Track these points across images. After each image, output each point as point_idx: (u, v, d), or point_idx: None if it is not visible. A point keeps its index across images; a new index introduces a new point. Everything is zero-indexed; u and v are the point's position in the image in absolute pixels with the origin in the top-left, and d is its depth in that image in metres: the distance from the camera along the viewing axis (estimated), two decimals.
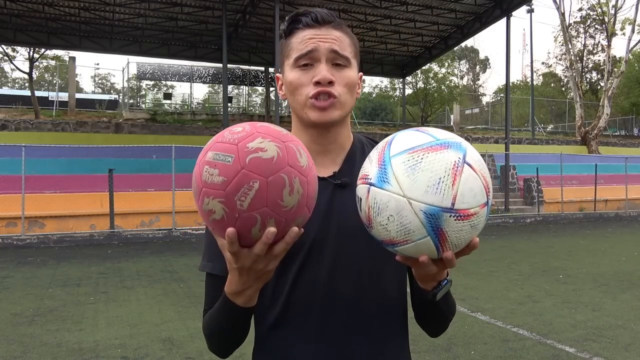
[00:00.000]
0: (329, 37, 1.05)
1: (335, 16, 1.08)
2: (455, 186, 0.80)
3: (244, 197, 0.77)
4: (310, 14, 1.06)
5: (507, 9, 17.20)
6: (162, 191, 12.84)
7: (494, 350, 4.18)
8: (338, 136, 1.12)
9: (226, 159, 0.78)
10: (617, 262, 8.33)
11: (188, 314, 5.27)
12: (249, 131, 0.81)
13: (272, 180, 0.77)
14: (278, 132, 0.83)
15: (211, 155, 0.79)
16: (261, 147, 0.78)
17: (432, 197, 0.80)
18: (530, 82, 31.40)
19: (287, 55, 1.08)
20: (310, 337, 1.04)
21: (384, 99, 32.96)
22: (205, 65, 23.81)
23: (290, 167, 0.79)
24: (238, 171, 0.77)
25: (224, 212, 0.78)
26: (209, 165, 0.79)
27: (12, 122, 16.54)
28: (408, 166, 0.82)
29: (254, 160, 0.77)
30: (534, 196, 17.04)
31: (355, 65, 1.10)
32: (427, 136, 0.85)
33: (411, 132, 0.88)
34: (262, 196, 0.77)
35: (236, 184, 0.77)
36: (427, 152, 0.82)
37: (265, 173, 0.77)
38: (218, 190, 0.77)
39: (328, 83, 1.03)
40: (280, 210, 0.79)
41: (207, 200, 0.79)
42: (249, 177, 0.77)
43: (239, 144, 0.79)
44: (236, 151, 0.78)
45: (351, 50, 1.09)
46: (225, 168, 0.77)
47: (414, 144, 0.84)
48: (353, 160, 1.12)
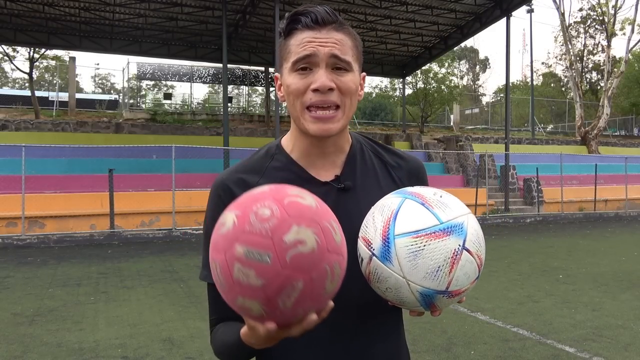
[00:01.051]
0: (330, 40, 1.00)
1: (336, 15, 1.02)
2: (452, 273, 0.87)
3: (287, 298, 0.71)
4: (310, 14, 1.00)
5: (507, 9, 17.20)
6: (162, 191, 12.84)
7: (494, 350, 4.18)
8: (338, 140, 1.09)
9: (263, 258, 0.70)
10: (617, 262, 8.33)
11: (188, 314, 5.27)
12: (280, 217, 0.72)
13: (315, 275, 0.72)
14: (309, 209, 0.75)
15: (242, 252, 0.71)
16: (300, 240, 0.71)
17: (429, 282, 0.87)
18: (530, 82, 31.39)
19: (285, 58, 1.03)
20: (320, 341, 1.04)
21: (384, 99, 32.97)
22: (205, 65, 23.82)
23: (329, 252, 0.74)
24: (279, 272, 0.70)
25: (264, 311, 0.73)
26: (242, 264, 0.70)
27: (12, 122, 16.54)
28: (410, 251, 0.86)
29: (295, 257, 0.70)
30: (534, 196, 17.04)
31: (357, 69, 1.05)
32: (432, 218, 0.88)
33: (417, 207, 0.90)
34: (306, 294, 0.72)
35: (278, 286, 0.70)
36: (430, 239, 0.86)
37: (308, 270, 0.71)
38: (256, 292, 0.71)
39: (328, 90, 0.98)
40: (322, 300, 0.76)
41: (242, 299, 0.73)
42: (292, 278, 0.70)
43: (273, 237, 0.70)
44: (273, 248, 0.70)
45: (353, 53, 1.03)
46: (264, 269, 0.70)
47: (418, 227, 0.87)
48: (354, 163, 1.11)
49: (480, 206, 15.72)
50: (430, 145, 20.62)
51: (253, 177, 1.07)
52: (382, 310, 1.08)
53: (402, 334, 1.17)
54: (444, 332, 4.64)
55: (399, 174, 1.15)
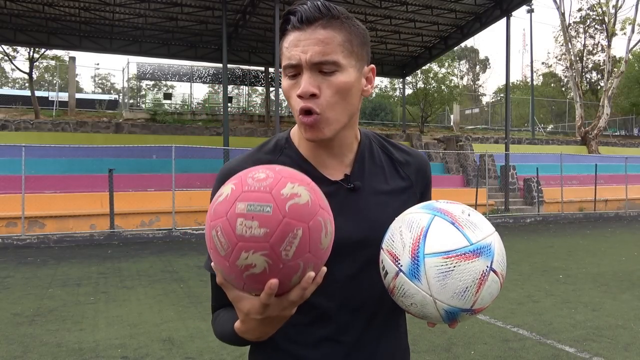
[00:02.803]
0: (313, 42, 0.95)
1: (328, 9, 0.97)
2: (478, 294, 0.90)
3: (289, 247, 0.75)
4: (298, 12, 0.96)
5: (507, 9, 17.19)
6: (162, 191, 12.84)
7: (494, 350, 4.18)
8: (343, 139, 1.07)
9: (264, 209, 0.74)
10: (617, 262, 8.33)
11: (188, 314, 5.27)
12: (275, 177, 0.78)
13: (312, 225, 0.77)
14: (298, 174, 0.82)
15: (244, 207, 0.75)
16: (295, 193, 0.77)
17: (456, 301, 0.90)
18: (530, 82, 31.40)
19: (281, 60, 1.02)
20: (331, 342, 1.04)
21: (384, 99, 32.96)
22: (205, 65, 23.82)
23: (321, 209, 0.80)
24: (280, 220, 0.74)
25: (267, 265, 0.75)
26: (245, 218, 0.74)
27: (12, 122, 16.53)
28: (440, 272, 0.89)
29: (293, 207, 0.75)
30: (534, 196, 17.04)
31: (353, 65, 0.99)
32: (462, 238, 0.90)
33: (447, 226, 0.92)
34: (305, 242, 0.76)
35: (281, 233, 0.74)
36: (460, 260, 0.89)
37: (305, 219, 0.76)
38: (260, 242, 0.74)
39: (310, 96, 0.96)
40: (319, 254, 0.79)
41: (246, 255, 0.75)
42: (292, 225, 0.75)
43: (272, 191, 0.76)
44: (273, 199, 0.75)
45: (344, 49, 0.97)
46: (266, 219, 0.74)
47: (449, 247, 0.89)
48: (363, 161, 1.10)
49: (480, 206, 15.71)
50: (430, 145, 20.62)
51: None
52: (387, 311, 1.08)
53: (404, 334, 1.18)
54: (444, 332, 4.63)
55: (407, 170, 1.15)
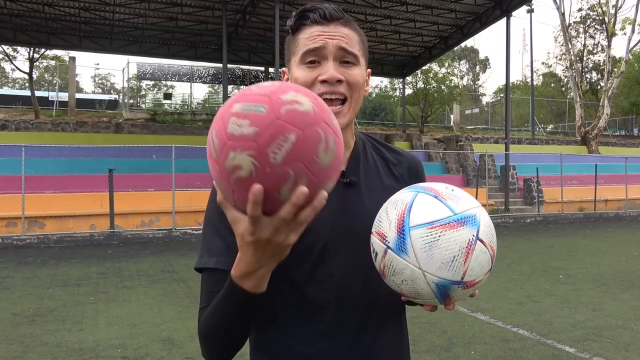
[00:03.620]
0: (338, 34, 1.03)
1: (343, 12, 1.06)
2: (467, 263, 0.88)
3: (277, 150, 0.69)
4: (318, 10, 1.03)
5: (507, 9, 17.20)
6: (162, 191, 12.84)
7: (494, 350, 4.18)
8: (345, 135, 1.09)
9: (258, 109, 0.70)
10: (617, 262, 8.33)
11: (188, 314, 5.27)
12: (280, 85, 0.74)
13: (309, 133, 0.71)
14: (308, 90, 0.78)
15: (239, 107, 0.71)
16: (296, 100, 0.72)
17: (445, 272, 0.88)
18: (530, 82, 31.40)
19: (294, 52, 1.06)
20: (325, 337, 1.04)
21: (384, 99, 32.97)
22: (205, 65, 23.83)
23: (325, 123, 0.74)
24: (272, 121, 0.69)
25: (253, 167, 0.69)
26: (237, 117, 0.70)
27: (12, 122, 16.54)
28: (426, 242, 0.88)
29: (290, 111, 0.70)
30: (534, 196, 17.04)
31: (364, 64, 1.08)
32: (446, 209, 0.90)
33: (430, 199, 0.92)
34: (298, 150, 0.70)
35: (271, 134, 0.69)
36: (444, 230, 0.88)
37: (301, 125, 0.70)
38: (249, 141, 0.69)
39: (336, 82, 1.01)
40: (314, 168, 0.72)
41: (234, 154, 0.70)
42: (285, 127, 0.69)
43: (271, 95, 0.72)
44: (269, 101, 0.71)
45: (360, 48, 1.06)
46: (258, 118, 0.69)
47: (433, 218, 0.89)
48: (358, 159, 1.13)
49: None
50: (430, 145, 20.62)
51: None
52: (385, 306, 1.08)
53: (404, 332, 1.18)
54: (444, 332, 4.63)
55: (399, 170, 1.18)
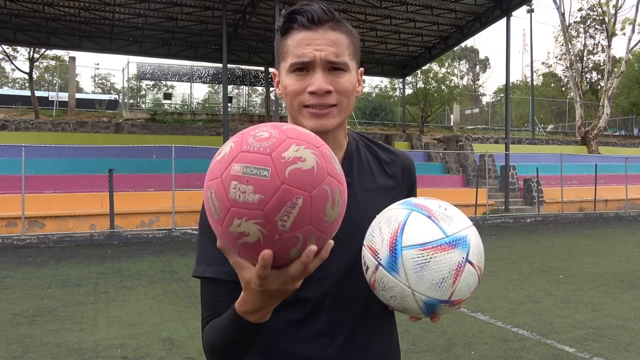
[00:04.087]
0: (326, 42, 1.00)
1: (333, 13, 1.03)
2: (455, 284, 0.91)
3: (286, 217, 0.67)
4: (306, 13, 1.00)
5: (507, 9, 17.20)
6: (162, 191, 12.84)
7: (494, 350, 4.18)
8: (336, 138, 1.11)
9: (261, 172, 0.67)
10: (617, 262, 8.32)
11: (188, 314, 5.27)
12: (278, 137, 0.70)
13: (315, 194, 0.69)
14: (307, 135, 0.74)
15: (239, 169, 0.68)
16: (299, 157, 0.69)
17: (433, 292, 0.91)
18: (530, 82, 31.40)
19: (282, 57, 1.05)
20: (322, 337, 1.05)
21: (384, 99, 32.94)
22: (205, 65, 23.81)
23: (330, 176, 0.72)
24: (278, 187, 0.67)
25: (261, 235, 0.68)
26: (239, 181, 0.67)
27: (12, 122, 16.54)
28: (417, 263, 0.90)
29: (294, 172, 0.68)
30: (534, 196, 17.04)
31: (354, 67, 1.06)
32: (438, 231, 0.92)
33: (423, 220, 0.94)
34: (306, 213, 0.68)
35: (277, 202, 0.67)
36: (436, 252, 0.90)
37: (308, 187, 0.68)
38: (254, 210, 0.67)
39: (325, 93, 1.00)
40: (322, 226, 0.71)
41: (239, 222, 0.68)
42: (292, 193, 0.67)
43: (272, 153, 0.68)
44: (272, 163, 0.68)
45: (350, 52, 1.04)
46: (262, 184, 0.67)
47: (425, 240, 0.91)
48: (351, 159, 1.13)
49: (480, 206, 15.72)
50: (430, 145, 20.62)
51: None
52: (379, 306, 1.08)
53: (395, 332, 1.20)
54: (444, 332, 4.64)
55: (392, 169, 1.18)
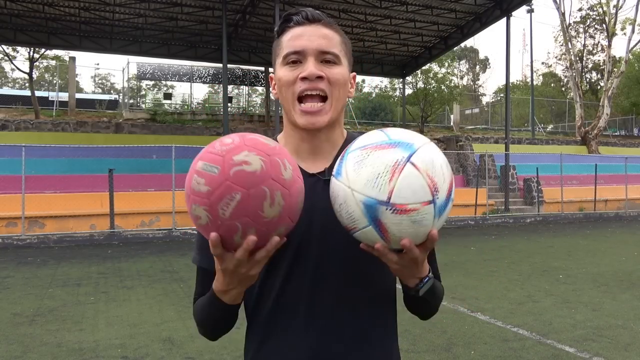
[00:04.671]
0: (318, 34, 1.06)
1: (326, 16, 1.10)
2: (392, 182, 0.86)
3: (225, 207, 0.82)
4: (300, 13, 1.08)
5: (507, 9, 17.20)
6: (162, 191, 12.84)
7: (494, 350, 4.18)
8: (330, 135, 1.12)
9: (212, 170, 0.83)
10: (617, 262, 8.33)
11: (188, 314, 5.27)
12: (237, 144, 0.86)
13: (253, 192, 0.82)
14: (266, 145, 0.87)
15: (200, 165, 0.85)
16: (246, 160, 0.83)
17: (369, 190, 0.87)
18: (530, 82, 31.39)
19: (277, 54, 1.10)
20: (300, 332, 1.05)
21: (384, 99, 32.92)
22: (205, 65, 23.80)
23: (272, 180, 0.84)
24: (222, 182, 0.82)
25: (208, 219, 0.84)
26: (197, 175, 0.84)
27: (12, 122, 16.53)
28: (356, 161, 0.90)
29: (238, 172, 0.82)
30: (534, 196, 17.04)
31: (346, 64, 1.10)
32: (383, 136, 0.92)
33: (375, 131, 0.95)
34: (243, 207, 0.82)
35: (219, 194, 0.82)
36: (374, 150, 0.89)
37: (246, 185, 0.82)
38: (203, 198, 0.83)
39: (316, 78, 1.04)
40: (260, 221, 0.84)
41: (194, 206, 0.85)
42: (231, 188, 0.82)
43: (225, 155, 0.84)
44: (222, 163, 0.83)
45: (341, 48, 1.09)
46: (211, 178, 0.83)
47: (367, 142, 0.91)
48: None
49: (480, 206, 15.72)
50: None
51: None
52: (371, 305, 1.08)
53: (394, 338, 1.16)
54: (444, 332, 4.64)
55: None
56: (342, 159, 0.93)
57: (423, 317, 1.18)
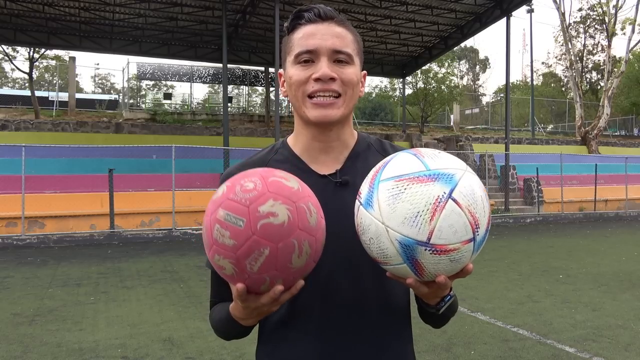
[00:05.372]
0: (331, 33, 1.04)
1: (338, 13, 1.07)
2: (433, 222, 0.79)
3: (254, 262, 0.79)
4: (313, 10, 1.05)
5: (507, 9, 17.20)
6: (162, 191, 12.84)
7: (494, 350, 4.18)
8: (341, 134, 1.10)
9: (237, 222, 0.79)
10: (617, 262, 8.32)
11: (188, 314, 5.27)
12: (261, 190, 0.81)
13: (282, 246, 0.79)
14: (289, 189, 0.83)
15: (222, 215, 0.80)
16: (272, 212, 0.79)
17: (407, 229, 0.80)
18: (530, 82, 31.39)
19: (288, 52, 1.07)
20: (311, 338, 1.03)
21: (384, 99, 32.92)
22: (205, 65, 23.81)
23: (300, 230, 0.81)
24: (249, 237, 0.78)
25: (234, 271, 0.81)
26: (220, 225, 0.80)
27: (12, 122, 16.53)
28: (391, 194, 0.82)
29: (265, 226, 0.78)
30: (534, 196, 17.03)
31: (358, 63, 1.08)
32: (420, 164, 0.84)
33: (408, 156, 0.87)
34: (272, 261, 0.79)
35: (247, 249, 0.78)
36: (412, 183, 0.82)
37: (275, 239, 0.79)
38: (228, 251, 0.80)
39: (329, 80, 1.02)
40: (288, 272, 0.82)
41: (218, 257, 0.82)
42: (260, 243, 0.78)
43: (250, 206, 0.79)
44: (247, 215, 0.79)
45: (354, 47, 1.07)
46: (237, 232, 0.78)
47: (403, 172, 0.84)
48: (356, 159, 1.11)
49: None
50: (430, 145, 20.61)
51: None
52: (382, 310, 1.06)
53: (408, 340, 1.13)
54: (444, 332, 4.63)
55: None
56: (373, 188, 0.86)
57: (436, 327, 1.17)
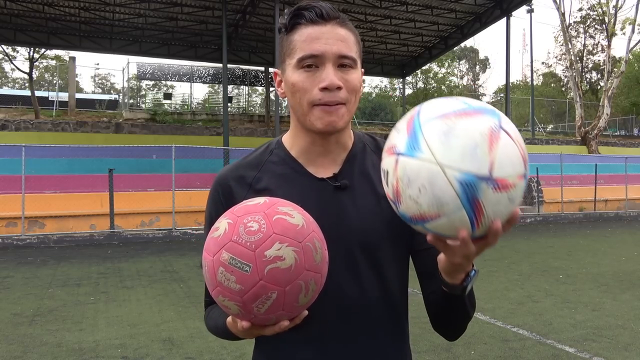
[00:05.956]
0: (335, 37, 0.99)
1: (337, 11, 1.02)
2: (493, 153, 0.73)
3: (261, 305, 0.79)
4: (314, 9, 0.99)
5: (507, 9, 17.21)
6: (162, 191, 12.84)
7: (494, 350, 4.18)
8: (340, 138, 1.08)
9: (244, 267, 0.78)
10: (617, 262, 8.32)
11: (188, 314, 5.27)
12: (266, 232, 0.79)
13: (289, 289, 0.80)
14: (294, 228, 0.82)
15: (227, 258, 0.79)
16: (279, 256, 0.78)
17: (468, 164, 0.73)
18: (530, 82, 31.40)
19: (288, 54, 1.01)
20: (309, 339, 1.02)
21: (384, 99, 32.95)
22: (205, 65, 23.81)
23: (307, 270, 0.81)
24: (256, 282, 0.78)
25: (240, 312, 0.82)
26: (225, 269, 0.79)
27: (12, 122, 16.53)
28: (442, 131, 0.74)
29: (272, 271, 0.78)
30: (534, 196, 17.03)
31: (359, 65, 1.05)
32: (460, 102, 0.79)
33: (443, 99, 0.82)
34: (279, 303, 0.80)
35: (254, 293, 0.78)
36: (460, 117, 0.75)
37: (283, 283, 0.79)
38: (234, 295, 0.79)
39: (336, 88, 0.98)
40: (295, 310, 0.84)
41: (223, 298, 0.81)
42: (267, 288, 0.78)
43: (256, 250, 0.78)
44: (253, 260, 0.78)
45: (356, 49, 1.03)
46: (243, 277, 0.78)
47: (446, 110, 0.77)
48: (354, 161, 1.09)
49: None
50: None
51: (251, 171, 1.09)
52: (381, 315, 1.05)
53: (405, 342, 1.13)
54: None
55: None
56: (415, 132, 0.77)
57: (453, 335, 1.12)
